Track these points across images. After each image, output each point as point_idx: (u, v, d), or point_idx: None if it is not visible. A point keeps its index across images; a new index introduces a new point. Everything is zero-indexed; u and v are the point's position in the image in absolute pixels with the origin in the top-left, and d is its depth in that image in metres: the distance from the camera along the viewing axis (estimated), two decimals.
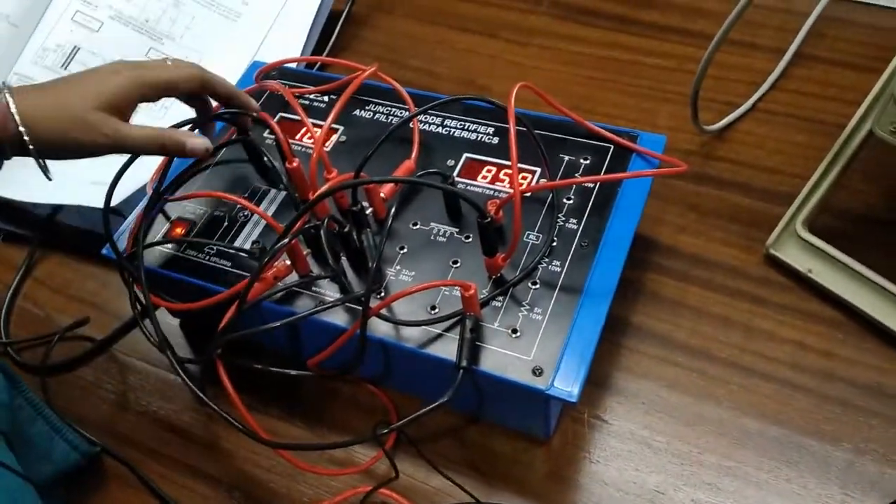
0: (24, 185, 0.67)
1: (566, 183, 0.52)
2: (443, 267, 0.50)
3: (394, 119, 0.60)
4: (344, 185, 0.50)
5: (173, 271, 0.53)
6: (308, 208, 0.46)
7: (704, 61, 0.57)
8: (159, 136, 0.50)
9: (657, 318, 0.56)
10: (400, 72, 0.78)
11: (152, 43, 0.76)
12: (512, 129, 0.46)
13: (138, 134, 0.49)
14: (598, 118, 0.68)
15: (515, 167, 0.45)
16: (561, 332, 0.46)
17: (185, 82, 0.52)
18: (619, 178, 0.51)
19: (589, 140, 0.55)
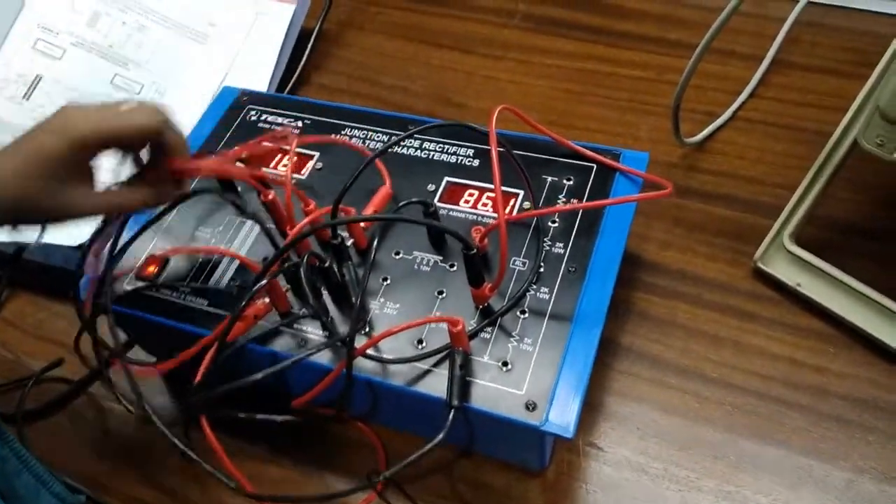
0: None
1: (551, 211, 0.50)
2: (428, 298, 0.49)
3: (370, 143, 0.58)
4: (320, 227, 0.48)
5: (147, 312, 0.51)
6: (283, 252, 0.44)
7: (686, 76, 0.56)
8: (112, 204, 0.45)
9: (647, 338, 0.55)
10: (374, 89, 0.77)
11: (117, 69, 0.74)
12: (494, 155, 0.45)
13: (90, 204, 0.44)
14: (579, 133, 0.67)
15: (500, 194, 0.44)
16: (553, 362, 0.44)
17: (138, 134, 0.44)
18: (603, 205, 0.49)
19: (571, 160, 0.54)
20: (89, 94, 0.72)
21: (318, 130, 0.60)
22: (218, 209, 0.56)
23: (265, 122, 0.61)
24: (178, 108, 0.74)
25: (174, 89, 0.75)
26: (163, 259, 0.53)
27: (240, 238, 0.54)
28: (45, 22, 0.73)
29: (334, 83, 0.78)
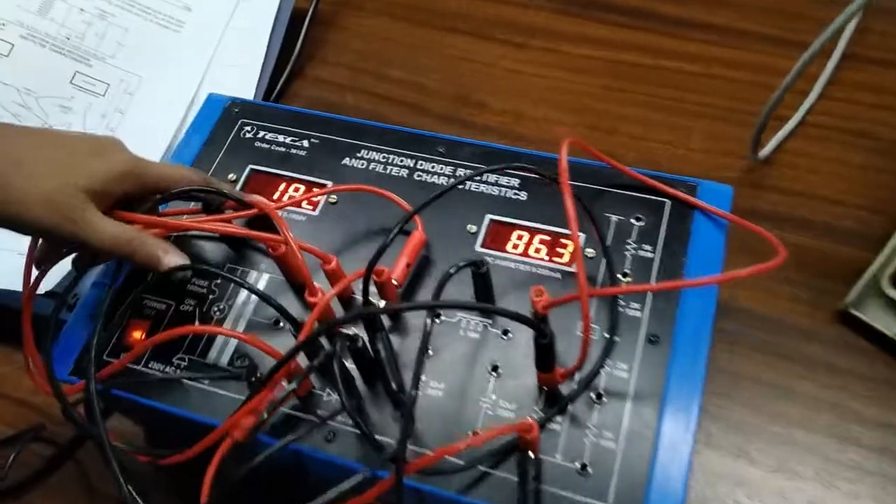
0: None
1: (643, 289, 0.42)
2: (479, 375, 0.40)
3: (392, 170, 0.49)
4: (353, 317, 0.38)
5: (132, 392, 0.42)
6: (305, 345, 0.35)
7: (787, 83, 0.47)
8: (131, 240, 0.39)
9: (724, 396, 0.48)
10: (382, 85, 0.67)
11: (77, 66, 0.63)
12: (569, 209, 0.35)
13: (108, 231, 0.39)
14: (621, 139, 0.59)
15: (580, 260, 0.35)
16: (641, 462, 0.37)
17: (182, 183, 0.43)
18: (708, 283, 0.40)
19: (638, 192, 0.46)
20: (46, 98, 0.61)
21: (326, 151, 0.50)
22: (217, 254, 0.47)
23: (263, 140, 0.51)
24: (152, 111, 0.64)
25: (146, 89, 0.64)
26: (150, 324, 0.44)
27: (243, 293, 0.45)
28: None
29: (334, 76, 0.68)
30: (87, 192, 0.39)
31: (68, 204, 0.38)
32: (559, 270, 0.43)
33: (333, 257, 0.41)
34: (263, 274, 0.45)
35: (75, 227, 0.38)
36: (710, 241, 0.43)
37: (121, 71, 0.64)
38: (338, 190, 0.46)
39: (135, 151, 0.60)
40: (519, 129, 0.61)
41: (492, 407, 0.39)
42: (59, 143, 0.40)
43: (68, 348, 0.44)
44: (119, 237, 0.39)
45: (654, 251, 0.43)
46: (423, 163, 0.49)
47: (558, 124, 0.61)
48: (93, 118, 0.62)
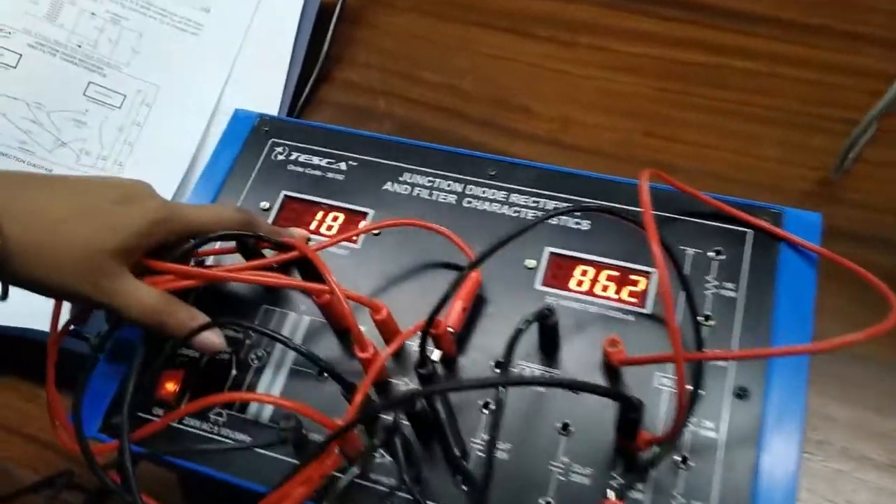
0: None
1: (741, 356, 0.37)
2: (548, 434, 0.36)
3: (439, 196, 0.44)
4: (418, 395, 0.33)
5: (165, 453, 0.39)
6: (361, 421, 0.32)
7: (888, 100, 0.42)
8: (160, 312, 0.36)
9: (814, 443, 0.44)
10: (415, 89, 0.62)
11: (90, 75, 0.58)
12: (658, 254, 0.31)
13: (138, 301, 0.36)
14: (684, 148, 0.54)
15: (673, 315, 0.30)
16: None
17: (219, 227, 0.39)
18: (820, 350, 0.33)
19: (714, 221, 0.41)
20: (58, 112, 0.57)
21: (365, 175, 0.46)
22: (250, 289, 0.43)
23: (296, 162, 0.47)
24: (173, 123, 0.60)
25: (165, 99, 0.59)
26: (184, 373, 0.41)
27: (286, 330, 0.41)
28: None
29: (364, 80, 0.63)
30: (118, 254, 0.35)
31: (98, 271, 0.35)
32: (631, 312, 0.39)
33: (383, 306, 0.37)
34: (304, 317, 0.42)
35: (104, 296, 0.35)
36: (800, 277, 0.39)
37: (137, 80, 0.59)
38: (385, 226, 0.41)
39: (156, 167, 0.57)
40: (568, 138, 0.56)
41: (564, 471, 0.35)
42: (84, 194, 0.36)
43: (96, 399, 0.41)
44: (146, 308, 0.36)
45: (737, 289, 0.39)
46: (473, 187, 0.44)
47: (611, 131, 0.56)
48: (109, 132, 0.58)
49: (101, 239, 0.35)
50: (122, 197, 0.36)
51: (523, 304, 0.40)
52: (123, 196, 0.36)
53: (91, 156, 0.57)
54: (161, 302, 0.37)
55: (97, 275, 0.35)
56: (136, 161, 0.58)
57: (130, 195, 0.37)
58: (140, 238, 0.36)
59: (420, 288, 0.41)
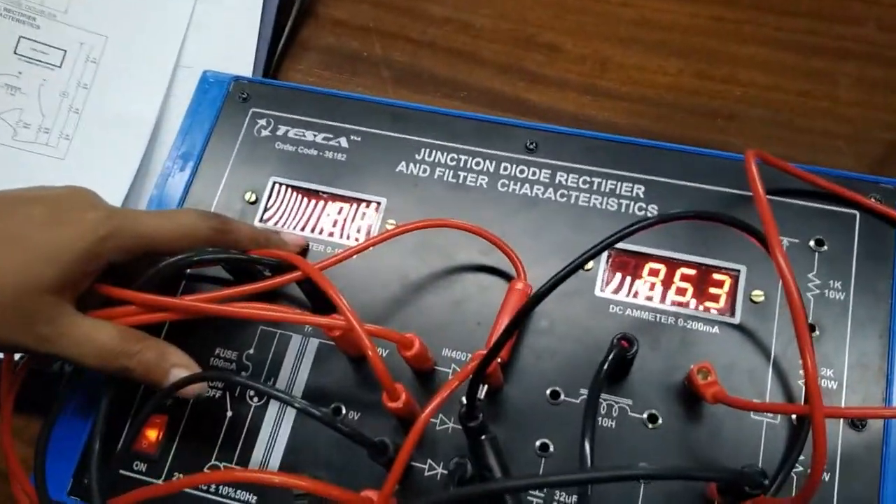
0: None
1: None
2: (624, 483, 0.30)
3: (468, 178, 0.36)
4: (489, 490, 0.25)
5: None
6: None
7: None
8: (118, 355, 0.28)
9: None
10: (419, 27, 0.52)
11: (20, 28, 0.47)
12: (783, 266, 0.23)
13: (91, 344, 0.28)
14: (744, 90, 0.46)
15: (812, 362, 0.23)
16: None
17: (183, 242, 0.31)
18: None
19: (811, 202, 0.33)
20: None
21: (373, 153, 0.37)
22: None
23: (285, 139, 0.38)
24: (126, 82, 0.50)
25: (114, 52, 0.49)
26: (168, 419, 0.33)
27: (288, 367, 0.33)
28: None
29: (355, 17, 0.52)
30: (56, 290, 0.27)
31: (34, 315, 0.27)
32: (715, 322, 0.32)
33: (415, 339, 0.30)
34: (311, 339, 0.34)
35: (48, 345, 0.27)
36: None
37: (78, 31, 0.48)
38: (411, 229, 0.33)
39: (112, 138, 0.48)
40: (605, 83, 0.47)
41: None
42: (2, 218, 0.27)
43: (64, 450, 0.34)
44: (102, 351, 0.28)
45: (846, 290, 0.32)
46: (509, 165, 0.36)
47: (657, 73, 0.47)
48: (49, 98, 0.48)
49: (31, 274, 0.27)
50: (53, 215, 0.28)
51: (581, 315, 0.33)
52: (54, 213, 0.28)
53: (31, 128, 0.47)
54: (120, 341, 0.29)
55: (33, 320, 0.27)
56: (87, 132, 0.48)
57: (63, 210, 0.28)
58: (82, 264, 0.28)
59: (453, 298, 0.34)
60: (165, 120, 0.48)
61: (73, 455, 0.33)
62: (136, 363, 0.29)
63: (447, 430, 0.31)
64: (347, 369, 0.33)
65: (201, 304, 0.29)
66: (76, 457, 0.33)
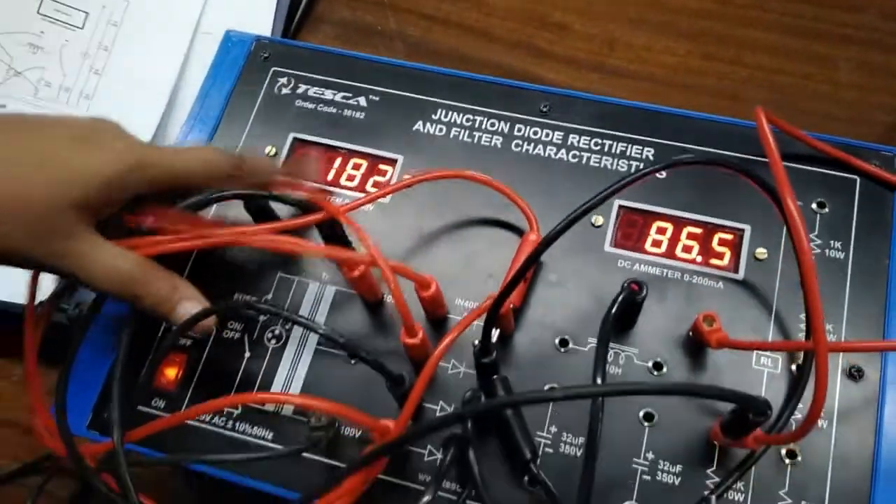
0: None
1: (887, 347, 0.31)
2: (629, 426, 0.31)
3: (482, 138, 0.37)
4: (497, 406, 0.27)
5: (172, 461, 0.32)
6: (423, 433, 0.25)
7: None
8: (132, 281, 0.29)
9: None
10: (434, 3, 0.53)
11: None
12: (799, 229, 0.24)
13: (104, 267, 0.29)
14: (749, 72, 0.48)
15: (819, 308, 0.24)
16: None
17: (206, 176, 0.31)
18: None
19: (814, 166, 0.35)
20: (7, 35, 0.48)
21: (391, 112, 0.38)
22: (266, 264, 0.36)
23: (305, 97, 0.39)
24: (147, 45, 0.51)
25: (136, 15, 0.50)
26: (187, 357, 0.34)
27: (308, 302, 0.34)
28: None
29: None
30: (79, 210, 0.28)
31: (53, 230, 0.28)
32: (720, 277, 0.33)
33: (432, 280, 0.31)
34: (328, 287, 0.35)
35: (63, 261, 0.28)
36: None
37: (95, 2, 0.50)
38: (430, 178, 0.34)
39: (131, 100, 0.49)
40: (613, 61, 0.49)
41: (649, 469, 0.30)
42: (33, 134, 0.28)
43: (83, 386, 0.34)
44: (115, 276, 0.29)
45: (846, 249, 0.33)
46: (522, 127, 0.37)
47: (664, 53, 0.49)
48: (71, 59, 0.49)
49: (56, 191, 0.27)
50: (84, 137, 0.29)
51: (590, 269, 0.34)
52: (85, 135, 0.29)
53: (52, 87, 0.48)
54: (136, 269, 0.29)
55: (51, 235, 0.28)
56: (107, 92, 0.49)
57: (94, 134, 0.29)
58: (109, 190, 0.29)
59: (465, 252, 0.35)
60: (184, 83, 0.50)
61: (91, 392, 0.34)
62: (148, 292, 0.30)
63: (459, 374, 0.32)
64: (363, 316, 0.34)
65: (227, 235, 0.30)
66: (95, 393, 0.34)
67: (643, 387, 0.24)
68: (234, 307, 0.32)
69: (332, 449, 0.32)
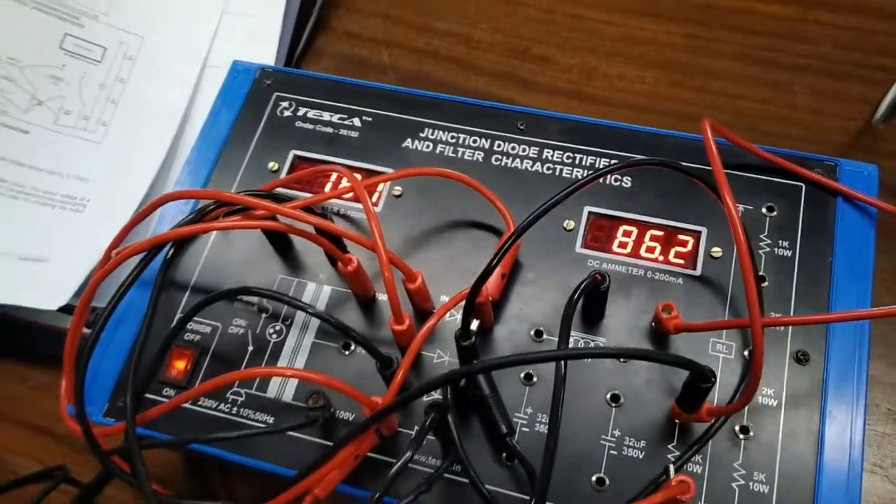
0: None
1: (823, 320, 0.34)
2: (597, 406, 0.34)
3: (465, 153, 0.41)
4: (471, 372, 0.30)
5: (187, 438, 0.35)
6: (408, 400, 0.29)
7: None
8: None
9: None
10: (420, 38, 0.58)
11: (66, 27, 0.53)
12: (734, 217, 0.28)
13: None
14: (713, 98, 0.51)
15: (753, 290, 0.28)
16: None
17: None
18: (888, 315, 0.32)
19: (764, 175, 0.38)
20: (32, 67, 0.52)
21: (382, 131, 0.42)
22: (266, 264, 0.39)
23: (305, 118, 0.43)
24: (159, 78, 0.55)
25: (150, 51, 0.55)
26: (195, 352, 0.37)
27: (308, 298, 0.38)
28: None
29: (366, 29, 0.58)
30: None
31: None
32: (679, 274, 0.36)
33: (419, 274, 0.34)
34: (324, 286, 0.38)
35: None
36: (859, 233, 0.36)
37: (118, 31, 0.54)
38: (414, 174, 0.37)
39: (144, 127, 0.53)
40: (590, 89, 0.53)
41: (616, 445, 0.33)
42: None
43: (100, 378, 0.37)
44: None
45: (792, 248, 0.36)
46: (502, 143, 0.41)
47: (636, 81, 0.53)
48: (89, 89, 0.53)
49: None
50: None
51: (563, 268, 0.37)
52: None
53: (71, 115, 0.53)
54: None
55: None
56: (122, 120, 0.53)
57: None
58: None
59: (449, 253, 0.38)
60: (193, 111, 0.54)
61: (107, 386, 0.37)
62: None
63: (444, 363, 0.36)
64: (357, 313, 0.37)
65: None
66: (111, 385, 0.37)
67: (598, 351, 0.28)
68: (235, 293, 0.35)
69: (329, 431, 0.35)
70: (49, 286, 0.45)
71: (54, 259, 0.47)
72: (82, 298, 0.35)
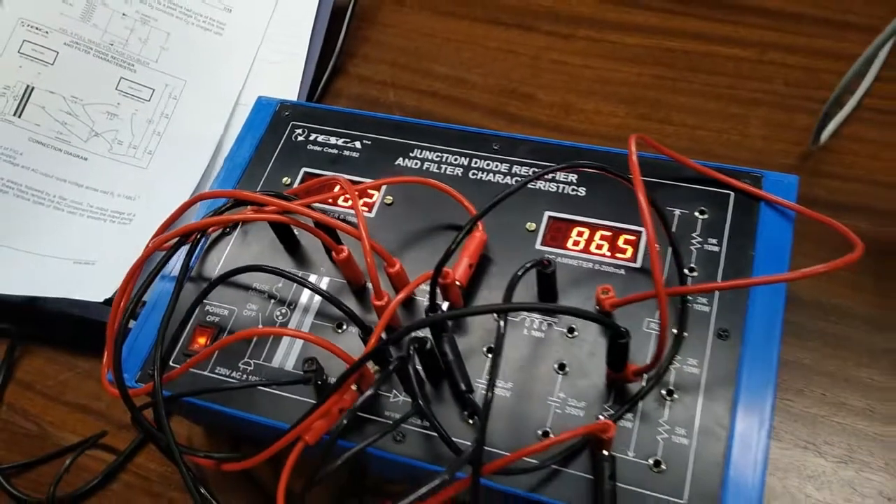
0: None
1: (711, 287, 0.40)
2: (546, 374, 0.40)
3: (447, 169, 0.48)
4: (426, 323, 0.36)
5: (198, 399, 0.42)
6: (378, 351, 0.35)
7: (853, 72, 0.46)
8: None
9: (788, 388, 0.47)
10: (424, 81, 0.66)
11: (122, 71, 0.63)
12: (645, 208, 0.35)
13: None
14: (676, 129, 0.58)
15: (657, 259, 0.34)
16: (716, 458, 0.36)
17: None
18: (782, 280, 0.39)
19: (699, 185, 0.45)
20: (92, 105, 0.62)
21: (379, 152, 0.50)
22: (271, 257, 0.47)
23: (315, 142, 0.51)
24: (198, 114, 0.64)
25: (191, 92, 0.64)
26: (215, 330, 0.44)
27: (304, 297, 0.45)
28: (31, 18, 0.62)
29: (376, 74, 0.67)
30: None
31: None
32: (622, 266, 0.43)
33: (397, 260, 0.41)
34: (324, 277, 0.45)
35: None
36: (778, 233, 0.42)
37: (165, 75, 0.64)
38: (393, 182, 0.45)
39: (183, 155, 0.62)
40: (568, 123, 0.60)
41: (560, 406, 0.39)
42: None
43: (134, 353, 0.45)
44: None
45: (719, 245, 0.42)
46: (478, 160, 0.48)
47: (609, 116, 0.60)
48: (139, 123, 0.63)
49: None
50: None
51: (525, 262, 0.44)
52: None
53: (123, 145, 0.62)
54: None
55: None
56: (165, 149, 0.62)
57: None
58: None
59: (430, 251, 0.45)
60: (226, 142, 0.63)
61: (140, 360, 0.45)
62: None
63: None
64: (350, 300, 0.44)
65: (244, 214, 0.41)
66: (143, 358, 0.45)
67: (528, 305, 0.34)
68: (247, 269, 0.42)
69: (321, 394, 0.41)
70: (97, 283, 0.53)
71: (102, 262, 0.56)
72: (121, 285, 0.43)
